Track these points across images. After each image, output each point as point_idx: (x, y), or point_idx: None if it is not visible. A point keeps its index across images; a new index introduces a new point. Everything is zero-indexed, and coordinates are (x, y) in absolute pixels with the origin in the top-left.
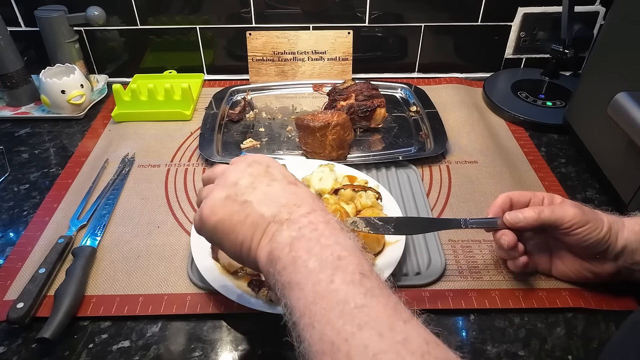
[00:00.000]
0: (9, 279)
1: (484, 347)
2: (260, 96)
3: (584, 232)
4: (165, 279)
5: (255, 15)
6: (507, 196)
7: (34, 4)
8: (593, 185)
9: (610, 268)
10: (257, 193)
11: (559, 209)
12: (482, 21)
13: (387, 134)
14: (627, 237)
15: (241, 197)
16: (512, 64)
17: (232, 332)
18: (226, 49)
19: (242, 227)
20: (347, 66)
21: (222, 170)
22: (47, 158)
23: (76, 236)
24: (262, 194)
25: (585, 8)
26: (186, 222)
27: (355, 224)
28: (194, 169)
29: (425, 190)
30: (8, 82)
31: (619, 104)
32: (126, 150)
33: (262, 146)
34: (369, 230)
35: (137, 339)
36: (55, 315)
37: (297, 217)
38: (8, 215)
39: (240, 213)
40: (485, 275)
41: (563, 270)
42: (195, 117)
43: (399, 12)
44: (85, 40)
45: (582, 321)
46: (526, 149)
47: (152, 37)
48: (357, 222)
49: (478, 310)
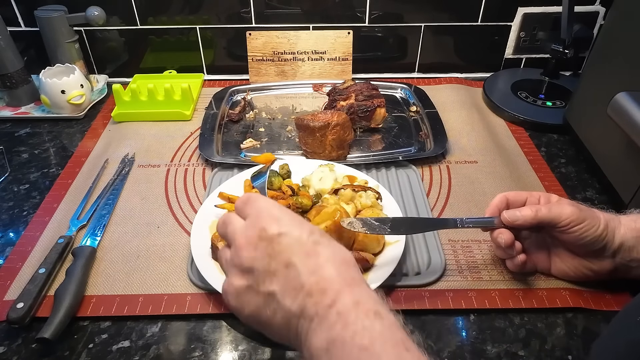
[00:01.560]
0: (9, 279)
1: (484, 347)
2: (260, 96)
3: (581, 230)
4: (165, 279)
5: (255, 15)
6: (504, 196)
7: (34, 4)
8: (593, 185)
9: (608, 265)
10: (278, 279)
11: (555, 208)
12: (482, 21)
13: (387, 134)
14: (624, 234)
15: (262, 286)
16: (512, 64)
17: (232, 332)
18: (226, 49)
19: (274, 324)
20: (347, 66)
21: (233, 233)
22: (47, 158)
23: (76, 236)
24: (283, 280)
25: (585, 8)
26: (186, 222)
27: (351, 224)
28: (193, 169)
29: (425, 190)
30: (8, 82)
31: (619, 104)
32: (126, 150)
33: (262, 146)
34: (365, 231)
35: (137, 339)
36: (55, 315)
37: (325, 312)
38: (8, 215)
39: (267, 308)
40: (485, 275)
41: (562, 269)
42: (195, 117)
43: (399, 12)
44: (85, 40)
45: (582, 321)
46: (526, 149)
47: (152, 37)
48: (354, 223)
49: (478, 310)
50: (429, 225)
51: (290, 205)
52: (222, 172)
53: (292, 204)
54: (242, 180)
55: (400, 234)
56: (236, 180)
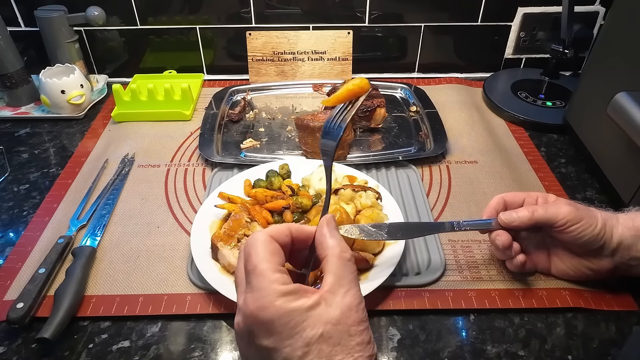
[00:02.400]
0: (9, 279)
1: (483, 347)
2: (260, 96)
3: (578, 229)
4: (165, 279)
5: (255, 15)
6: (501, 197)
7: (34, 4)
8: (593, 185)
9: (608, 264)
10: None
11: (552, 208)
12: (482, 21)
13: (387, 134)
14: (622, 232)
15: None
16: (512, 64)
17: (232, 332)
18: (226, 49)
19: None
20: (347, 66)
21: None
22: (47, 158)
23: (76, 236)
24: None
25: (585, 8)
26: (186, 222)
27: (348, 231)
28: (193, 169)
29: (425, 190)
30: (8, 82)
31: (619, 104)
32: (126, 150)
33: (262, 146)
34: (362, 237)
35: (137, 339)
36: (55, 315)
37: None
38: (8, 215)
39: None
40: (485, 275)
41: (562, 268)
42: (195, 117)
43: (399, 12)
44: (85, 40)
45: (582, 321)
46: (526, 149)
47: (152, 37)
48: (350, 230)
49: (478, 310)
50: (426, 229)
51: (290, 206)
52: (222, 172)
53: (292, 204)
54: (242, 180)
55: (397, 239)
56: (236, 180)
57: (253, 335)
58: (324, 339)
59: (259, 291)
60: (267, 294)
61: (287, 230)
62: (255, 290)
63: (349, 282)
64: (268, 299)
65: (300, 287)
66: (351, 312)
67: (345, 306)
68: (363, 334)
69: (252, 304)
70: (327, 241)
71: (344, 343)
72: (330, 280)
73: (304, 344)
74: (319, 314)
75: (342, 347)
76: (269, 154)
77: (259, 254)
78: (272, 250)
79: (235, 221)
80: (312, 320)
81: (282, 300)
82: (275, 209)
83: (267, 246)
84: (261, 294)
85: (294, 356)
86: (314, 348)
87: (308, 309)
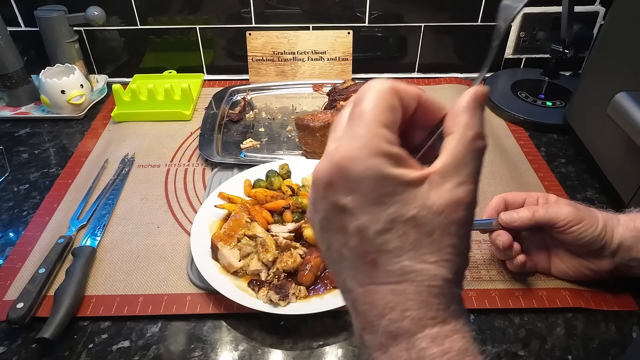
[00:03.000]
0: (9, 279)
1: (483, 347)
2: (260, 96)
3: (579, 230)
4: (165, 279)
5: (255, 15)
6: (502, 197)
7: (34, 4)
8: (593, 185)
9: (608, 265)
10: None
11: (553, 208)
12: (482, 21)
13: None
14: (623, 233)
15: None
16: (512, 64)
17: (232, 332)
18: (226, 49)
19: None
20: (347, 66)
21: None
22: (47, 158)
23: (76, 236)
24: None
25: (585, 8)
26: (186, 222)
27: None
28: (193, 169)
29: None
30: (8, 82)
31: (619, 104)
32: (126, 150)
33: (262, 146)
34: None
35: (137, 339)
36: (55, 315)
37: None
38: (8, 215)
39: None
40: (485, 275)
41: (562, 269)
42: (195, 117)
43: (399, 12)
44: (85, 40)
45: (582, 321)
46: (526, 149)
47: (152, 37)
48: None
49: (478, 310)
50: None
51: (290, 205)
52: (222, 172)
53: (292, 204)
54: (242, 180)
55: None
56: (236, 180)
57: (332, 187)
58: (415, 224)
59: (356, 140)
60: (364, 146)
61: (416, 94)
62: (352, 137)
63: (468, 175)
64: (363, 151)
65: (406, 154)
66: (459, 209)
67: (455, 199)
68: (464, 240)
69: (342, 151)
70: (464, 115)
71: (437, 238)
72: (445, 160)
73: (388, 220)
74: (418, 194)
75: (433, 241)
76: (269, 154)
77: (373, 100)
78: (390, 104)
79: (235, 221)
80: (407, 196)
81: (379, 161)
82: (275, 209)
83: (387, 98)
84: (357, 143)
85: (371, 228)
86: (399, 228)
87: (407, 184)
